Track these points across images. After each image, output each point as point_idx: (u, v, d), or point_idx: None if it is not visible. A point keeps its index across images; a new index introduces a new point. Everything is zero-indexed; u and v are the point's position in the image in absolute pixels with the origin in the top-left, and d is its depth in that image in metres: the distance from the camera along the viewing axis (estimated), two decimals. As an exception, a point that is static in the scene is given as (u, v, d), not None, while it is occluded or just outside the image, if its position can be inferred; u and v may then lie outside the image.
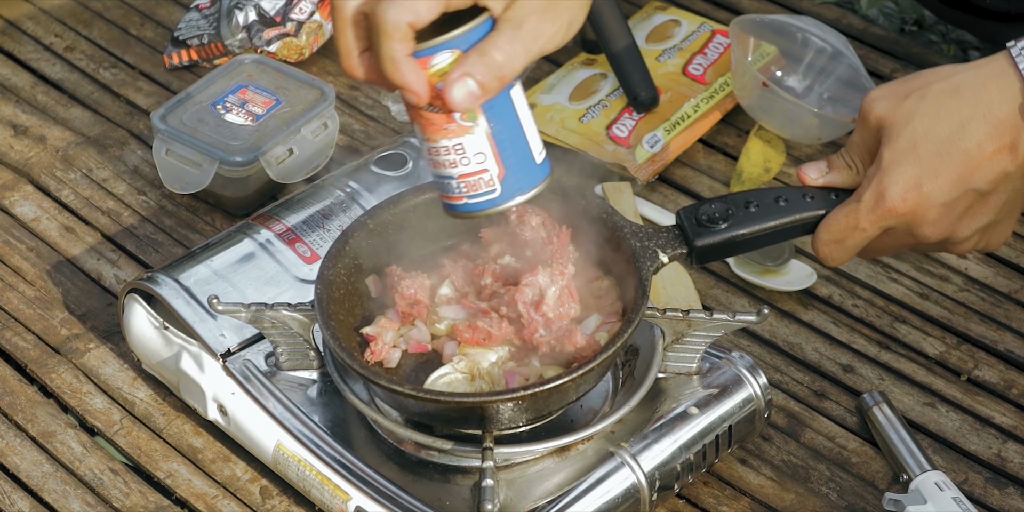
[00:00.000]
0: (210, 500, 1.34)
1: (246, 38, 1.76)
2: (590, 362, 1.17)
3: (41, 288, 1.53)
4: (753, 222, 1.21)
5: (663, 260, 1.23)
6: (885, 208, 1.15)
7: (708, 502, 1.34)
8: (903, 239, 1.18)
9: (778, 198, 1.22)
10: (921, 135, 1.14)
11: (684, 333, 1.30)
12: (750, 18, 1.71)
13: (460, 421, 1.23)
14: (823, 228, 1.19)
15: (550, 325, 1.22)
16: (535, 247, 1.24)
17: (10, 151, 1.69)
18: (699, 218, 1.22)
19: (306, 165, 1.61)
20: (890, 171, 1.14)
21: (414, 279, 1.26)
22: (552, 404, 1.22)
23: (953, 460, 1.38)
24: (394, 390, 1.18)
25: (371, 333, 1.27)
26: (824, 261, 1.21)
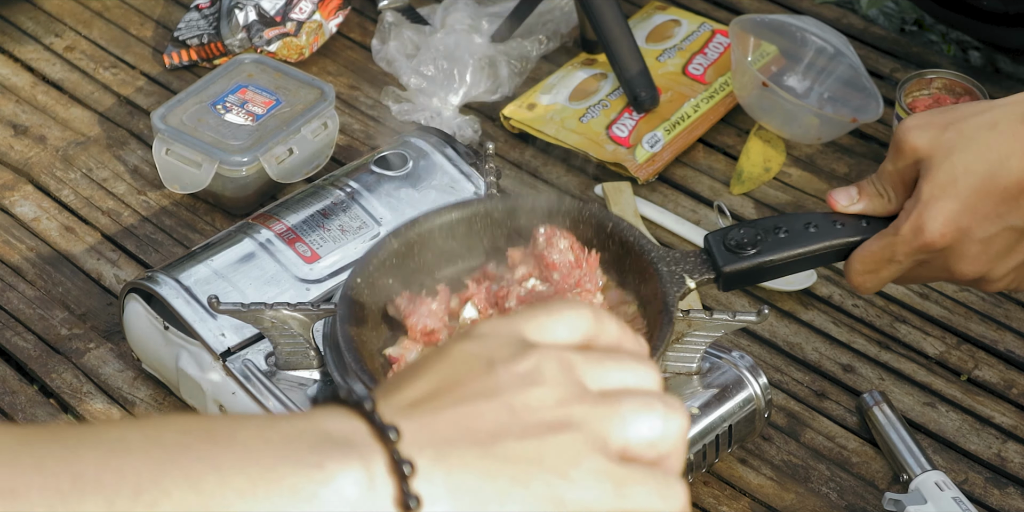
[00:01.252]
0: (210, 500, 1.34)
1: (246, 38, 1.76)
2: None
3: (41, 288, 1.53)
4: (782, 248, 1.21)
5: (690, 286, 1.22)
6: (922, 241, 1.15)
7: (708, 502, 1.34)
8: (937, 273, 1.18)
9: (808, 224, 1.21)
10: (961, 170, 1.13)
11: (684, 333, 1.29)
12: (750, 18, 1.71)
13: None
14: (857, 259, 1.19)
15: None
16: (563, 270, 1.23)
17: (10, 151, 1.69)
18: (727, 243, 1.21)
19: (306, 165, 1.61)
20: (930, 206, 1.14)
21: (421, 310, 1.23)
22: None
23: (953, 460, 1.38)
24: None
25: (394, 354, 1.24)
26: (856, 290, 1.21)
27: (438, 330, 1.23)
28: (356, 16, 1.87)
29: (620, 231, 1.26)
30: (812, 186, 1.64)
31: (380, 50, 1.79)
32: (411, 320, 1.23)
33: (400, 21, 1.80)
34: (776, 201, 1.63)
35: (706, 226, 1.59)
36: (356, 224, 1.44)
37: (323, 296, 1.38)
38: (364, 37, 1.84)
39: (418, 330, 1.23)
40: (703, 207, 1.62)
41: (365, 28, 1.85)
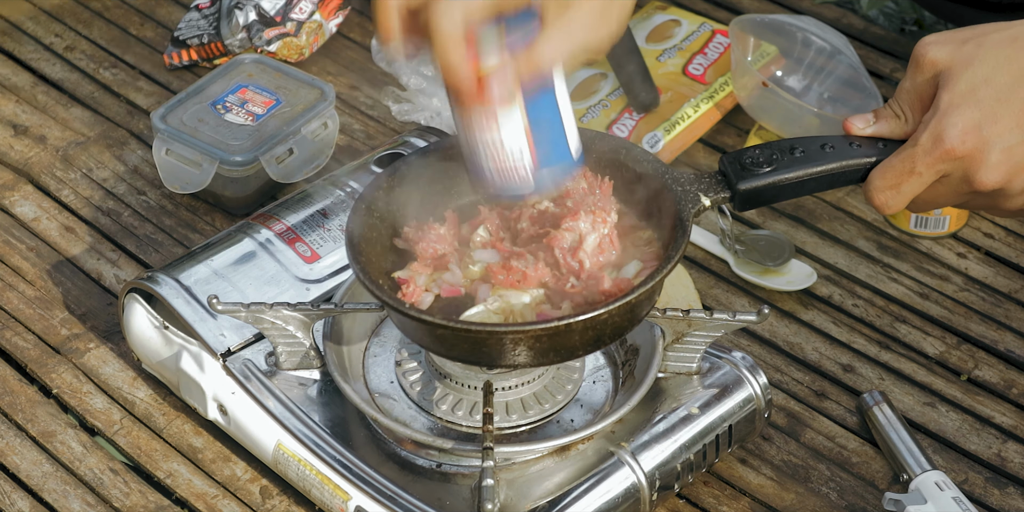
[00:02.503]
0: (210, 500, 1.34)
1: (246, 38, 1.76)
2: (625, 296, 1.14)
3: (41, 288, 1.53)
4: (798, 167, 1.18)
5: (705, 204, 1.19)
6: (943, 150, 1.13)
7: (708, 502, 1.34)
8: (958, 187, 1.15)
9: (824, 145, 1.19)
10: (981, 81, 1.13)
11: (684, 333, 1.30)
12: (750, 18, 1.71)
13: (487, 356, 1.19)
14: (877, 175, 1.17)
15: (584, 272, 1.19)
16: (576, 197, 1.21)
17: (10, 151, 1.69)
18: (743, 162, 1.19)
19: (306, 165, 1.61)
20: (949, 114, 1.13)
21: (430, 236, 1.23)
22: (585, 343, 1.18)
23: (953, 460, 1.38)
24: (422, 320, 1.15)
25: (403, 277, 1.22)
26: (879, 209, 1.18)
27: (448, 255, 1.23)
28: (356, 16, 1.87)
29: (634, 157, 1.24)
30: (812, 186, 1.64)
31: (380, 50, 1.79)
32: (420, 245, 1.22)
33: (400, 21, 1.80)
34: (776, 201, 1.63)
35: (706, 226, 1.59)
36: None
37: (323, 296, 1.38)
38: (364, 37, 1.84)
39: (428, 255, 1.22)
40: (703, 207, 1.62)
41: (365, 28, 1.85)
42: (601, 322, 1.15)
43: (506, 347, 1.16)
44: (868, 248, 1.57)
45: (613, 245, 1.20)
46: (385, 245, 1.25)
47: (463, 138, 1.14)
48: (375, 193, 1.25)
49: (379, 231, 1.24)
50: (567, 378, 1.31)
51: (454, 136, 1.22)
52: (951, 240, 1.58)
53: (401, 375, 1.31)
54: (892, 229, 1.59)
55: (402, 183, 1.26)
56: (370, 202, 1.24)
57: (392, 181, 1.25)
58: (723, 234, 1.56)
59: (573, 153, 1.16)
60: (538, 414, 1.28)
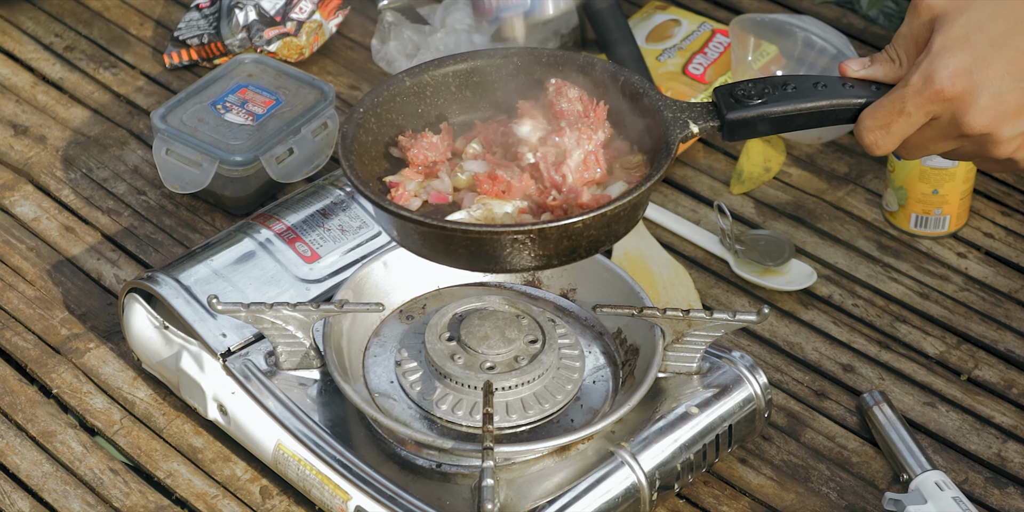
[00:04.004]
0: (210, 500, 1.34)
1: (246, 38, 1.76)
2: (601, 207, 1.14)
3: (41, 288, 1.53)
4: (789, 101, 1.19)
5: (693, 130, 1.20)
6: (933, 90, 1.13)
7: (708, 502, 1.34)
8: (947, 130, 1.15)
9: (817, 83, 1.20)
10: (975, 26, 1.13)
11: (684, 333, 1.30)
12: (750, 17, 1.71)
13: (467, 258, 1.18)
14: (867, 114, 1.17)
15: (565, 186, 1.19)
16: (570, 120, 1.22)
17: (10, 151, 1.69)
18: (735, 94, 1.20)
19: (306, 164, 1.62)
20: (941, 55, 1.13)
21: (423, 143, 1.24)
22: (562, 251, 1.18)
23: (953, 460, 1.38)
24: (402, 215, 1.15)
25: (394, 180, 1.23)
26: (869, 150, 1.19)
27: (439, 162, 1.24)
28: (356, 16, 1.87)
29: (631, 83, 1.24)
30: (812, 186, 1.64)
31: (380, 50, 1.79)
32: (412, 152, 1.23)
33: (400, 21, 1.80)
34: (776, 201, 1.63)
35: (706, 226, 1.59)
36: (356, 224, 1.44)
37: (323, 296, 1.38)
38: (364, 37, 1.84)
39: (419, 161, 1.23)
40: (703, 207, 1.62)
41: (365, 28, 1.85)
42: (576, 231, 1.15)
43: (482, 247, 1.16)
44: (868, 248, 1.57)
45: (598, 163, 1.21)
46: (380, 152, 1.25)
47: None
48: (376, 99, 1.25)
49: (375, 137, 1.25)
50: (567, 378, 1.31)
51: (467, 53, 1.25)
52: (951, 240, 1.58)
53: (401, 375, 1.31)
54: (892, 229, 1.59)
55: (404, 93, 1.26)
56: (370, 107, 1.24)
57: (394, 91, 1.26)
58: (723, 234, 1.56)
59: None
60: (538, 414, 1.28)
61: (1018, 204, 1.62)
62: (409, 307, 1.39)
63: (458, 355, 1.29)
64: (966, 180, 1.55)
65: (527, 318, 1.32)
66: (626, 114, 1.25)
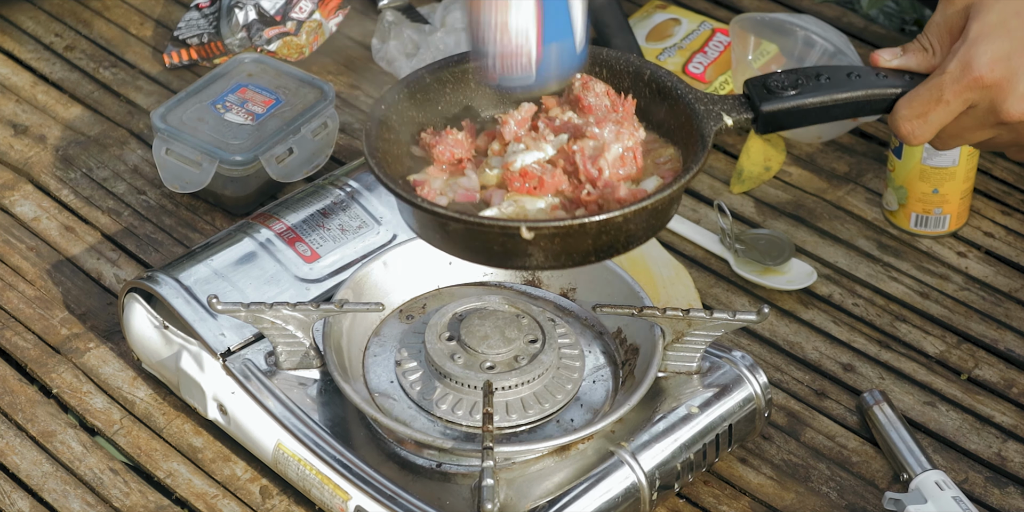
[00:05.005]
0: (210, 500, 1.34)
1: (246, 37, 1.76)
2: (641, 201, 1.13)
3: (41, 288, 1.53)
4: (823, 92, 1.18)
5: (727, 123, 1.19)
6: (971, 77, 1.12)
7: (708, 501, 1.34)
8: (984, 118, 1.15)
9: (851, 74, 1.19)
10: (1012, 13, 1.12)
11: (684, 332, 1.30)
12: (750, 16, 1.71)
13: (502, 256, 1.16)
14: (903, 104, 1.16)
15: (601, 180, 1.17)
16: (598, 114, 1.20)
17: (10, 150, 1.69)
18: (768, 85, 1.19)
19: (306, 164, 1.61)
20: (978, 42, 1.12)
21: (448, 140, 1.21)
22: (600, 247, 1.16)
23: (953, 459, 1.38)
24: (431, 210, 1.13)
25: (419, 179, 1.21)
26: (905, 139, 1.18)
27: (465, 159, 1.21)
28: (356, 15, 1.87)
29: (658, 77, 1.23)
30: (812, 185, 1.64)
31: (380, 49, 1.79)
32: (437, 149, 1.21)
33: (400, 20, 1.80)
34: (776, 200, 1.63)
35: (706, 225, 1.59)
36: (356, 223, 1.44)
37: (323, 296, 1.38)
38: (364, 36, 1.84)
39: (444, 159, 1.21)
40: (703, 206, 1.62)
41: (365, 27, 1.85)
42: (616, 226, 1.14)
43: (517, 244, 1.14)
44: (868, 247, 1.57)
45: (636, 160, 1.18)
46: (402, 150, 1.23)
47: (471, 20, 1.12)
48: (396, 96, 1.23)
49: (396, 135, 1.22)
50: (567, 378, 1.31)
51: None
52: (951, 239, 1.58)
53: (401, 375, 1.31)
54: (892, 228, 1.59)
55: (424, 90, 1.24)
56: (391, 104, 1.22)
57: (414, 87, 1.24)
58: (723, 233, 1.56)
59: (578, 47, 1.14)
60: (538, 414, 1.28)
61: (1018, 203, 1.62)
62: (409, 307, 1.39)
63: (458, 355, 1.29)
64: (966, 179, 1.55)
65: (527, 318, 1.32)
66: (655, 108, 1.23)
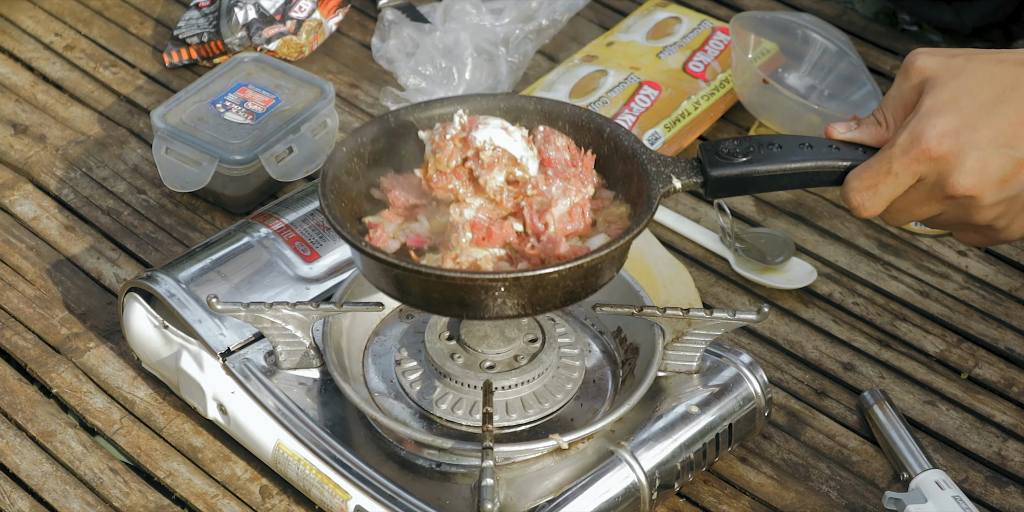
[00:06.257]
0: (210, 499, 1.34)
1: (246, 36, 1.76)
2: (576, 259, 1.14)
3: (41, 287, 1.53)
4: (773, 161, 1.19)
5: (676, 186, 1.20)
6: (920, 149, 1.14)
7: (708, 501, 1.34)
8: (932, 191, 1.16)
9: (803, 144, 1.20)
10: (965, 91, 1.14)
11: (684, 332, 1.29)
12: (750, 15, 1.71)
13: (443, 303, 1.18)
14: (854, 176, 1.18)
15: (546, 233, 1.19)
16: (558, 168, 1.22)
17: (10, 150, 1.69)
18: (719, 151, 1.20)
19: (306, 163, 1.61)
20: (929, 116, 1.14)
21: (403, 186, 1.23)
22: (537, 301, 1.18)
23: (953, 458, 1.38)
24: (377, 257, 1.15)
25: (373, 221, 1.23)
26: (856, 211, 1.19)
27: (419, 205, 1.23)
28: (356, 14, 1.87)
29: (616, 136, 1.24)
30: (812, 184, 1.64)
31: (380, 48, 1.79)
32: (393, 194, 1.23)
33: (400, 19, 1.80)
34: (776, 199, 1.63)
35: (706, 224, 1.59)
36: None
37: (323, 295, 1.38)
38: (364, 35, 1.84)
39: (399, 203, 1.23)
40: (703, 205, 1.62)
41: (365, 26, 1.85)
42: (551, 282, 1.15)
43: (455, 293, 1.16)
44: (868, 246, 1.57)
45: (583, 216, 1.20)
46: (362, 191, 1.25)
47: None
48: (360, 139, 1.24)
49: (358, 177, 1.24)
50: (567, 377, 1.31)
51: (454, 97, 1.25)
52: (951, 238, 1.58)
53: (401, 375, 1.31)
54: (892, 227, 1.59)
55: (389, 134, 1.26)
56: (353, 147, 1.24)
57: (379, 131, 1.25)
58: (723, 232, 1.56)
59: None
60: (538, 413, 1.28)
61: (1019, 202, 1.62)
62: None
63: (458, 354, 1.29)
64: (966, 178, 1.55)
65: (527, 317, 1.32)
66: (611, 165, 1.25)
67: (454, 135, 1.19)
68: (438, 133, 1.20)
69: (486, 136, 1.19)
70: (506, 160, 1.19)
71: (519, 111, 1.27)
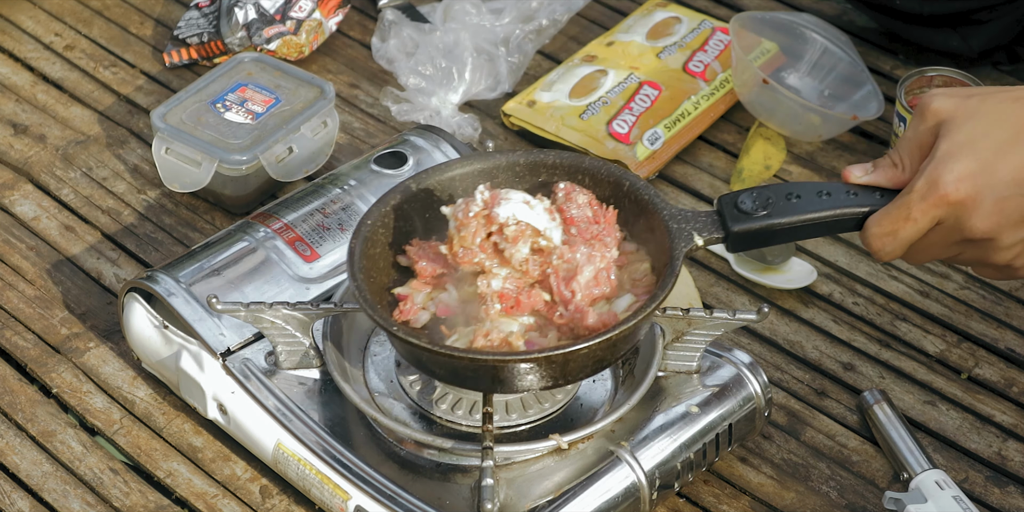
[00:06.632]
0: (210, 499, 1.34)
1: (246, 36, 1.76)
2: (605, 333, 1.16)
3: (41, 287, 1.53)
4: (793, 213, 1.20)
5: (698, 243, 1.21)
6: (938, 195, 1.14)
7: (708, 501, 1.34)
8: (950, 234, 1.17)
9: (821, 192, 1.21)
10: (981, 133, 1.14)
11: (684, 331, 1.29)
12: (750, 15, 1.71)
13: (475, 380, 1.21)
14: (874, 222, 1.19)
15: (574, 302, 1.20)
16: (581, 225, 1.23)
17: (10, 150, 1.69)
18: (739, 205, 1.21)
19: (306, 163, 1.61)
20: (946, 161, 1.14)
21: (429, 256, 1.25)
22: (569, 373, 1.20)
23: (953, 458, 1.38)
24: (410, 341, 1.17)
25: (403, 293, 1.24)
26: (877, 256, 1.20)
27: (447, 274, 1.24)
28: (356, 14, 1.87)
29: (636, 190, 1.25)
30: (812, 184, 1.64)
31: (380, 48, 1.79)
32: (420, 265, 1.24)
33: (400, 19, 1.80)
34: (776, 199, 1.62)
35: (706, 224, 1.59)
36: (356, 223, 1.44)
37: (323, 295, 1.38)
38: (364, 35, 1.84)
39: (427, 273, 1.24)
40: (703, 205, 1.62)
41: (365, 26, 1.85)
42: (581, 356, 1.17)
43: (486, 373, 1.19)
44: (868, 246, 1.57)
45: (609, 280, 1.22)
46: (389, 261, 1.26)
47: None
48: (383, 209, 1.26)
49: (383, 248, 1.26)
50: (567, 377, 1.31)
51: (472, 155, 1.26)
52: (952, 238, 1.58)
53: (401, 375, 1.31)
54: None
55: (411, 200, 1.27)
56: (377, 217, 1.25)
57: (400, 198, 1.27)
58: (723, 232, 1.55)
59: None
60: (538, 413, 1.28)
61: (1019, 202, 1.62)
62: (409, 306, 1.39)
63: (458, 354, 1.29)
64: (966, 178, 1.55)
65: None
66: (633, 219, 1.26)
67: (477, 213, 1.19)
68: (461, 210, 1.20)
69: (509, 212, 1.19)
70: (530, 232, 1.20)
71: (538, 166, 1.28)
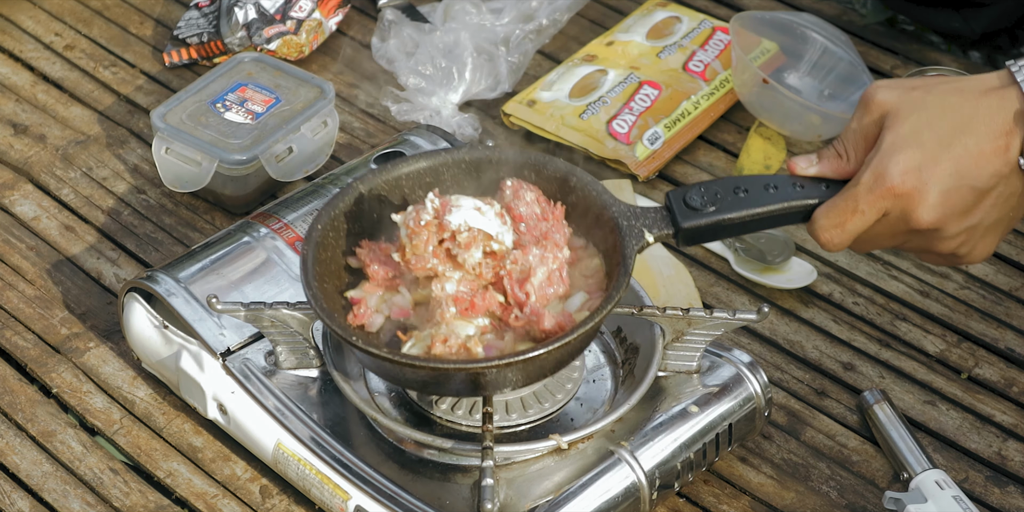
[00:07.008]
0: (210, 499, 1.34)
1: (246, 36, 1.76)
2: (563, 337, 1.16)
3: (41, 287, 1.53)
4: (741, 207, 1.22)
5: (648, 240, 1.22)
6: (884, 187, 1.16)
7: (708, 501, 1.34)
8: (896, 225, 1.18)
9: (768, 185, 1.22)
10: (924, 124, 1.16)
11: (684, 331, 1.29)
12: (750, 15, 1.71)
13: (435, 386, 1.22)
14: (822, 214, 1.20)
15: (529, 304, 1.21)
16: (529, 223, 1.24)
17: (10, 150, 1.69)
18: (688, 201, 1.23)
19: (306, 163, 1.61)
20: (892, 153, 1.16)
21: (380, 259, 1.25)
22: (528, 376, 1.21)
23: (953, 458, 1.38)
24: (369, 352, 1.17)
25: (356, 296, 1.25)
26: (824, 247, 1.21)
27: (398, 277, 1.24)
28: (356, 14, 1.87)
29: (584, 185, 1.26)
30: (812, 183, 1.64)
31: (380, 48, 1.79)
32: (371, 269, 1.24)
33: (400, 19, 1.80)
34: (776, 199, 1.62)
35: (706, 224, 1.59)
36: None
37: (323, 295, 1.38)
38: (364, 35, 1.84)
39: (379, 276, 1.24)
40: (703, 205, 1.62)
41: (365, 26, 1.85)
42: (539, 361, 1.18)
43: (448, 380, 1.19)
44: (868, 246, 1.57)
45: (562, 280, 1.22)
46: (340, 264, 1.27)
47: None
48: (332, 212, 1.26)
49: (334, 251, 1.26)
50: (567, 377, 1.31)
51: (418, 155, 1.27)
52: (952, 237, 1.58)
53: (401, 374, 1.31)
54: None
55: (359, 202, 1.28)
56: (327, 222, 1.26)
57: (348, 200, 1.27)
58: (723, 232, 1.56)
59: None
60: (538, 413, 1.28)
61: (1019, 201, 1.62)
62: (409, 306, 1.39)
63: (457, 354, 1.29)
64: (966, 178, 1.55)
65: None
66: (582, 216, 1.26)
67: (428, 221, 1.20)
68: (412, 218, 1.20)
69: (461, 220, 1.20)
70: (482, 238, 1.20)
71: (484, 163, 1.28)
